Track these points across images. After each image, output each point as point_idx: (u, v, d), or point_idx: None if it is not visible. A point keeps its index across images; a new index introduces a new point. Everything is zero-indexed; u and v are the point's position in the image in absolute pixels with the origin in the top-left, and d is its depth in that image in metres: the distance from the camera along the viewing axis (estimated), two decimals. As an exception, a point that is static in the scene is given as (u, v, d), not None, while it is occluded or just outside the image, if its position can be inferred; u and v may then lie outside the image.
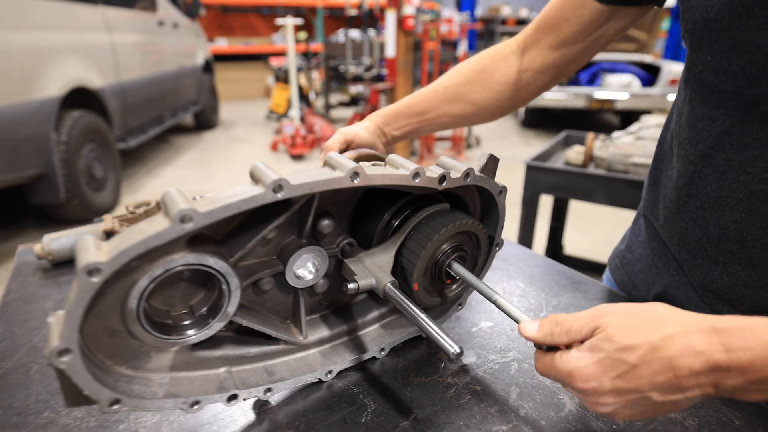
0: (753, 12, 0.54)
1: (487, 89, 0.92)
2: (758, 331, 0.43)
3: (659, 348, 0.45)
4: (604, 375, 0.46)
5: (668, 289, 0.78)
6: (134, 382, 0.51)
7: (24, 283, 0.90)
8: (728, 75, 0.60)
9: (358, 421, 0.60)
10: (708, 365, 0.43)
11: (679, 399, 0.45)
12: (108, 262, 0.40)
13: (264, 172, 0.48)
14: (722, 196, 0.64)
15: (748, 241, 0.63)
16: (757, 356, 0.42)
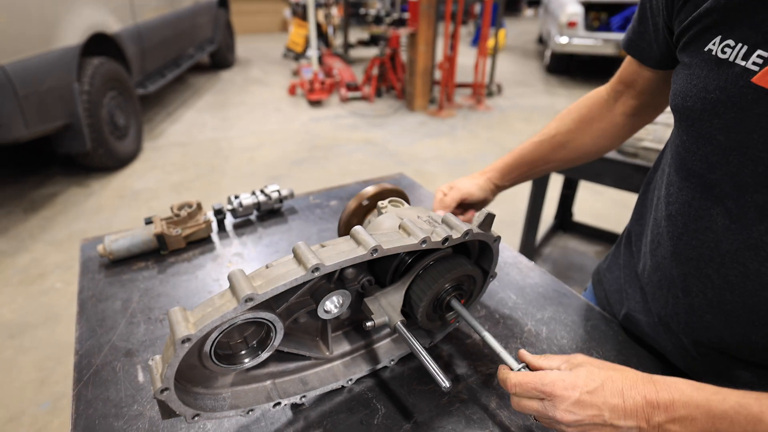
0: (719, 113, 0.65)
1: (588, 135, 1.04)
2: (678, 384, 0.61)
3: (616, 380, 0.63)
4: (577, 387, 0.63)
5: (632, 312, 0.93)
6: (207, 398, 0.69)
7: (93, 280, 1.08)
8: (695, 157, 0.71)
9: (371, 423, 0.78)
10: (644, 400, 0.60)
11: (620, 424, 0.61)
12: (195, 334, 0.56)
13: (305, 255, 0.62)
14: (677, 252, 0.77)
15: (691, 291, 0.76)
16: (675, 398, 0.59)
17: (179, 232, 1.19)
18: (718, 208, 0.68)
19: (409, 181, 1.64)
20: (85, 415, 0.76)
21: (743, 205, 0.65)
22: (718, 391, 0.58)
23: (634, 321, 0.93)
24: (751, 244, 0.65)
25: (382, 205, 0.92)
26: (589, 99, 1.05)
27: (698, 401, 0.58)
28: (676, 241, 0.77)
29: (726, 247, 0.68)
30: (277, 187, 1.40)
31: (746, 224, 0.65)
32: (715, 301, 0.72)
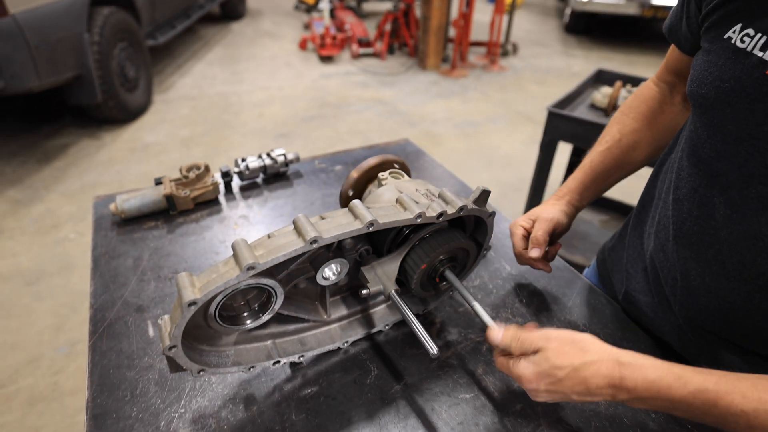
0: (732, 102, 0.66)
1: (655, 131, 0.98)
2: (643, 370, 0.64)
3: (579, 370, 0.66)
4: (540, 381, 0.68)
5: (633, 292, 0.96)
6: (212, 354, 0.74)
7: (106, 238, 1.13)
8: (706, 144, 0.72)
9: (364, 383, 0.83)
10: (608, 384, 0.65)
11: (588, 399, 0.67)
12: (200, 298, 0.61)
13: (305, 227, 0.66)
14: (679, 236, 0.79)
15: (690, 275, 0.79)
16: (638, 385, 0.63)
17: (188, 193, 1.22)
18: (722, 197, 0.70)
19: (414, 148, 1.66)
20: (101, 364, 0.83)
21: (746, 196, 0.66)
22: (680, 375, 0.62)
23: (634, 301, 0.96)
24: (751, 234, 0.66)
25: (382, 177, 0.95)
26: (643, 95, 1.00)
27: (659, 387, 0.62)
28: (680, 225, 0.79)
29: (725, 235, 0.70)
30: (283, 150, 1.43)
31: (747, 215, 0.66)
32: (712, 286, 0.75)
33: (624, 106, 1.02)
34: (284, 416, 0.77)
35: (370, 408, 0.79)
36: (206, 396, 0.79)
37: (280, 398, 0.80)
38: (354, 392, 0.82)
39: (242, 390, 0.81)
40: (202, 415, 0.76)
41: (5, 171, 3.46)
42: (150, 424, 0.74)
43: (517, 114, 4.96)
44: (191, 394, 0.79)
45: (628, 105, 1.01)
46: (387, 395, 0.81)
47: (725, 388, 0.59)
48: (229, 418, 0.76)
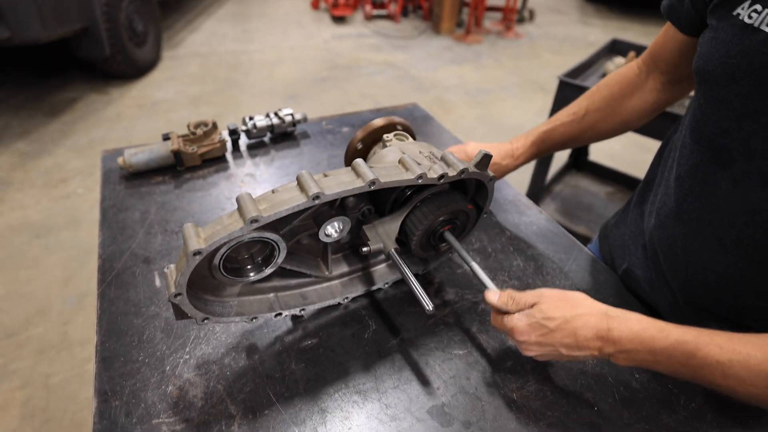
0: (737, 78, 0.67)
1: (618, 114, 1.03)
2: (629, 322, 0.68)
3: (569, 321, 0.69)
4: (533, 333, 0.71)
5: (633, 268, 0.98)
6: (216, 304, 0.77)
7: (114, 191, 1.15)
8: (710, 121, 0.73)
9: (362, 337, 0.86)
10: (595, 335, 0.68)
11: (577, 354, 0.71)
12: (205, 248, 0.63)
13: (308, 183, 0.67)
14: (680, 212, 0.81)
15: (689, 251, 0.81)
16: (624, 336, 0.67)
17: (195, 149, 1.24)
18: (724, 172, 0.71)
19: (422, 113, 1.65)
20: (109, 311, 0.86)
21: (748, 171, 0.68)
22: (663, 328, 0.66)
23: (633, 276, 0.99)
24: (750, 209, 0.69)
25: (387, 138, 0.95)
26: (620, 75, 1.03)
27: (643, 338, 0.66)
28: (681, 201, 0.81)
29: (725, 211, 0.72)
30: (290, 110, 1.43)
31: (748, 190, 0.68)
32: (710, 261, 0.77)
33: (602, 81, 1.06)
34: (284, 365, 0.80)
35: (367, 360, 0.82)
36: (210, 344, 0.82)
37: (281, 348, 0.83)
38: (352, 345, 0.85)
39: (245, 339, 0.84)
40: (206, 361, 0.80)
41: (12, 123, 3.48)
42: (156, 368, 0.77)
43: (531, 83, 4.88)
44: (196, 342, 0.83)
45: (604, 82, 1.05)
46: (383, 349, 0.84)
47: (703, 340, 0.63)
48: (232, 365, 0.79)
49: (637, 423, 0.76)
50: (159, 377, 0.76)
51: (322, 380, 0.79)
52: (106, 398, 0.73)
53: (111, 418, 0.70)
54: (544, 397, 0.79)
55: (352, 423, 0.73)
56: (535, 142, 1.10)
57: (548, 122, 1.10)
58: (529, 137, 1.11)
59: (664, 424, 0.76)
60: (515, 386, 0.80)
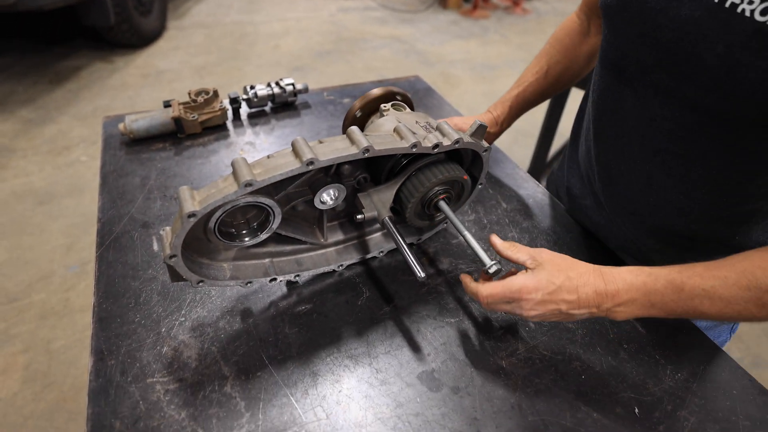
0: (627, 6, 0.77)
1: (576, 62, 1.12)
2: (621, 273, 0.71)
3: (572, 279, 0.72)
4: (540, 291, 0.72)
5: (576, 198, 1.08)
6: (211, 268, 0.78)
7: (114, 156, 1.16)
8: (612, 47, 0.83)
9: (355, 303, 0.88)
10: (594, 291, 0.71)
11: (575, 313, 0.72)
12: (200, 210, 0.64)
13: (302, 149, 0.68)
14: (598, 132, 0.92)
15: (609, 165, 0.92)
16: (620, 288, 0.70)
17: (196, 117, 1.24)
18: (627, 89, 0.81)
19: (424, 85, 1.64)
20: (107, 274, 0.87)
21: (644, 85, 0.77)
22: (651, 272, 0.70)
23: (577, 206, 1.08)
24: (649, 117, 0.79)
25: (384, 108, 0.95)
26: (566, 29, 1.12)
27: (636, 285, 0.70)
28: (597, 122, 0.91)
29: (631, 123, 0.82)
30: (292, 80, 1.42)
31: (646, 101, 0.78)
32: (624, 171, 0.89)
33: (552, 37, 1.14)
34: (278, 329, 0.82)
35: (360, 326, 0.84)
36: (205, 307, 0.84)
37: (275, 313, 0.85)
38: (345, 311, 0.86)
39: (240, 304, 0.85)
40: (201, 324, 0.81)
41: (17, 90, 3.47)
42: (152, 330, 0.79)
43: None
44: (191, 305, 0.84)
45: (555, 37, 1.14)
46: (376, 316, 0.86)
47: (686, 274, 0.68)
48: (226, 328, 0.81)
49: (623, 391, 0.78)
50: (154, 338, 0.78)
51: (315, 344, 0.80)
52: (102, 357, 0.75)
53: (107, 377, 0.72)
54: (532, 365, 0.80)
55: (342, 386, 0.75)
56: (512, 106, 1.15)
57: (517, 85, 1.15)
58: (506, 103, 1.15)
59: (649, 392, 0.77)
60: (504, 354, 0.81)
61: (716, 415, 0.75)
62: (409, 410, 0.73)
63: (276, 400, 0.72)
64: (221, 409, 0.71)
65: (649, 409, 0.76)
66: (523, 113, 1.17)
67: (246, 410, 0.71)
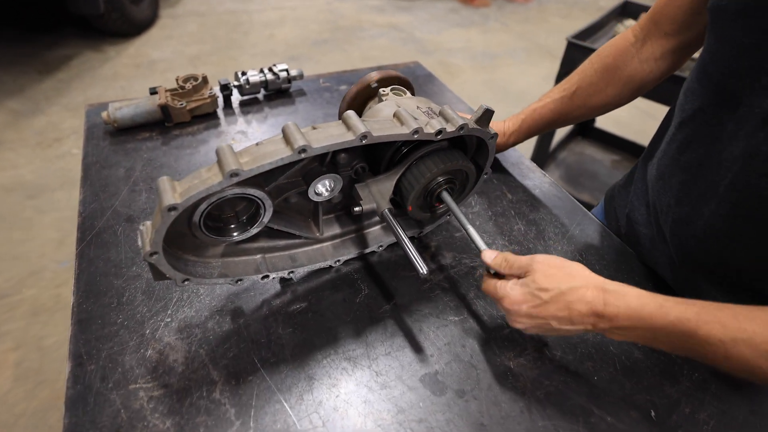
0: (750, 13, 0.62)
1: (611, 87, 0.97)
2: (626, 298, 0.63)
3: (564, 294, 0.65)
4: (524, 303, 0.66)
5: (635, 225, 0.94)
6: (198, 265, 0.73)
7: (98, 147, 1.10)
8: (716, 58, 0.70)
9: (353, 301, 0.82)
10: (591, 311, 0.63)
11: (568, 329, 0.66)
12: (181, 203, 0.58)
13: (293, 135, 0.62)
14: (681, 160, 0.78)
15: (682, 201, 0.77)
16: (620, 313, 0.62)
17: (184, 104, 1.18)
18: (728, 114, 0.69)
19: (424, 71, 1.58)
20: (87, 272, 0.82)
21: (751, 111, 0.65)
22: (662, 305, 0.61)
23: (635, 233, 0.95)
24: (748, 152, 0.65)
25: (383, 93, 0.89)
26: (614, 46, 0.97)
27: (641, 315, 0.61)
28: (683, 148, 0.77)
29: (726, 155, 0.69)
30: (285, 66, 1.36)
31: (748, 132, 0.65)
32: (702, 211, 0.73)
33: (595, 53, 1.00)
34: (270, 329, 0.77)
35: (358, 326, 0.79)
36: (193, 307, 0.79)
37: (267, 312, 0.79)
38: (343, 310, 0.81)
39: (230, 303, 0.80)
40: (189, 324, 0.76)
41: (4, 80, 3.38)
42: (135, 332, 0.74)
43: (538, 48, 4.74)
44: (178, 304, 0.79)
45: (597, 53, 1.00)
46: (376, 314, 0.81)
47: (705, 318, 0.58)
48: (215, 329, 0.76)
49: (638, 393, 0.73)
50: (138, 341, 0.73)
51: (310, 346, 0.75)
52: (81, 362, 0.69)
53: (85, 383, 0.67)
54: (541, 366, 0.75)
55: (340, 390, 0.70)
56: (525, 120, 1.06)
57: (539, 100, 1.05)
58: (519, 116, 1.07)
59: (666, 394, 0.73)
60: (512, 354, 0.76)
61: (737, 419, 0.71)
62: (411, 416, 0.68)
63: (269, 407, 0.67)
64: (209, 417, 0.65)
65: (666, 412, 0.72)
66: (538, 132, 1.07)
67: (236, 418, 0.66)
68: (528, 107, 1.06)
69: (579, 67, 1.01)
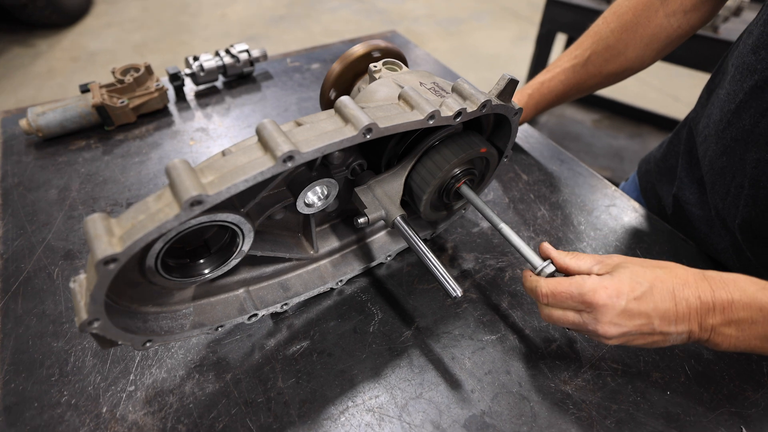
0: None
1: (632, 48, 0.81)
2: (739, 282, 0.50)
3: (665, 280, 0.51)
4: (624, 295, 0.50)
5: (686, 205, 0.80)
6: (162, 317, 0.55)
7: (20, 164, 0.89)
8: None
9: (366, 330, 0.66)
10: (699, 300, 0.49)
11: (671, 330, 0.51)
12: (122, 252, 0.40)
13: (274, 139, 0.44)
14: (756, 132, 0.63)
15: (760, 181, 0.63)
16: (735, 298, 0.49)
17: (125, 102, 0.97)
18: None
19: (403, 40, 1.40)
20: (15, 335, 0.63)
21: None
22: None
23: (685, 215, 0.81)
24: None
25: (374, 69, 0.72)
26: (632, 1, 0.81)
27: (764, 303, 0.48)
28: (757, 118, 0.63)
29: None
30: (245, 46, 1.16)
31: None
32: None
33: (609, 9, 0.84)
34: (268, 384, 0.60)
35: (377, 363, 0.63)
36: (163, 366, 0.61)
37: (261, 360, 0.62)
38: (355, 345, 0.64)
39: (211, 353, 0.63)
40: (160, 391, 0.58)
41: None
42: (87, 412, 0.56)
43: (503, 10, 4.56)
44: (143, 364, 0.61)
45: (613, 10, 0.84)
46: (396, 345, 0.65)
47: None
48: (196, 393, 0.58)
49: (721, 406, 0.60)
50: (92, 425, 0.55)
51: (321, 399, 0.59)
52: (16, 468, 0.52)
53: (24, 499, 0.50)
54: (603, 386, 0.61)
55: (366, 457, 0.54)
56: (533, 95, 0.90)
57: (547, 70, 0.90)
58: (525, 91, 0.91)
59: (752, 402, 0.60)
60: (567, 375, 0.62)
61: None
62: (462, 482, 0.53)
63: (277, 495, 0.51)
64: None
65: (759, 425, 0.59)
66: (548, 108, 0.92)
67: None
68: (534, 79, 0.91)
69: (590, 27, 0.85)
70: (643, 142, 2.77)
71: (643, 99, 3.09)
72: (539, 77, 0.90)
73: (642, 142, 2.76)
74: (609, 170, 2.53)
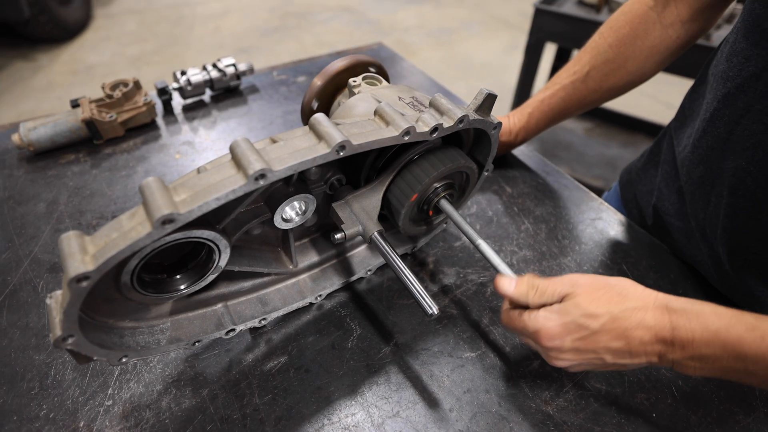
0: None
1: (632, 61, 0.81)
2: (703, 317, 0.48)
3: (618, 319, 0.50)
4: (567, 336, 0.51)
5: (666, 216, 0.81)
6: (138, 332, 0.56)
7: (11, 178, 0.90)
8: None
9: (344, 346, 0.67)
10: (655, 337, 0.49)
11: (627, 362, 0.52)
12: (95, 270, 0.41)
13: (246, 157, 0.45)
14: (732, 140, 0.63)
15: (738, 190, 0.64)
16: (696, 337, 0.48)
17: (114, 117, 0.98)
18: None
19: (389, 53, 1.41)
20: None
21: None
22: (755, 325, 0.46)
23: (665, 225, 0.81)
24: None
25: (354, 84, 0.73)
26: (630, 12, 0.81)
27: (727, 340, 0.47)
28: (732, 125, 0.63)
29: None
30: (232, 60, 1.17)
31: None
32: (764, 201, 0.60)
33: (606, 24, 0.84)
34: (244, 400, 0.60)
35: (354, 380, 0.63)
36: (141, 380, 0.61)
37: (238, 375, 0.63)
38: (332, 361, 0.65)
39: (188, 368, 0.63)
40: (137, 406, 0.59)
41: (-75, 102, 3.06)
42: (65, 426, 0.56)
43: (494, 19, 4.61)
44: (121, 379, 0.61)
45: (609, 25, 0.84)
46: (374, 362, 0.65)
47: None
48: (172, 409, 0.59)
49: (709, 430, 0.60)
50: (69, 440, 0.55)
51: (297, 416, 0.59)
52: (-10, 484, 0.52)
53: None
54: (586, 407, 0.61)
55: (341, 472, 0.54)
56: (533, 113, 0.90)
57: (546, 87, 0.90)
58: (525, 110, 0.91)
59: (742, 426, 0.60)
60: (548, 395, 0.62)
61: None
62: (436, 498, 0.53)
63: None
64: None
65: (743, 446, 0.59)
66: (548, 125, 0.92)
67: None
68: (534, 97, 0.91)
69: (587, 43, 0.86)
70: (636, 150, 2.78)
71: (636, 107, 3.11)
72: (539, 95, 0.90)
73: (635, 150, 2.77)
74: (601, 179, 2.54)
